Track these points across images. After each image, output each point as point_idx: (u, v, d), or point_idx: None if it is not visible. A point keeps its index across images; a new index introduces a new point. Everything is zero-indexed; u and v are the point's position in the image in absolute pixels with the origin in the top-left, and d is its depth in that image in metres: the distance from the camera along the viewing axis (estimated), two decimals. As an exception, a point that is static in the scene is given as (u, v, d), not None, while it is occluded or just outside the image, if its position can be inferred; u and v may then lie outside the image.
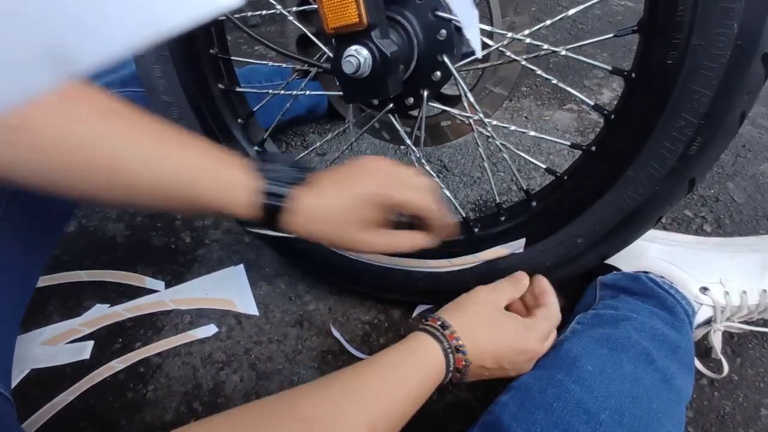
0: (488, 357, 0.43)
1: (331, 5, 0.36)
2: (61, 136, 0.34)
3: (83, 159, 0.35)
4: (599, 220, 0.47)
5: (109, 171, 0.36)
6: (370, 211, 0.42)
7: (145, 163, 0.37)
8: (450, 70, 0.45)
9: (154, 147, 0.37)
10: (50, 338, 0.58)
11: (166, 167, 0.37)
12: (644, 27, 0.40)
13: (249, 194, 0.40)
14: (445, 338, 0.41)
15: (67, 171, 0.35)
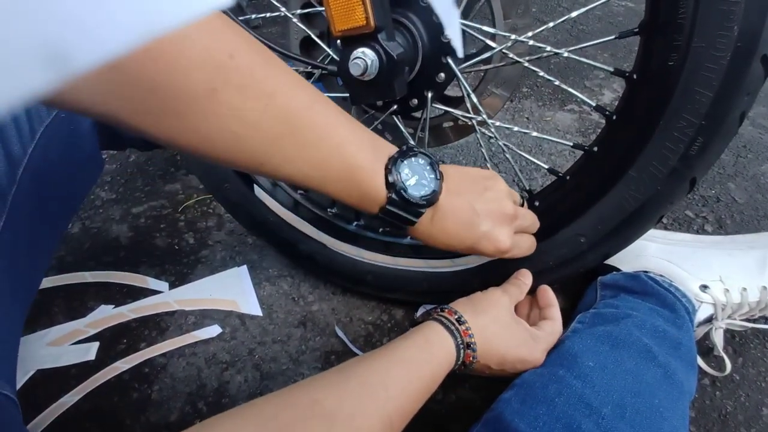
0: (494, 359, 0.43)
1: (338, 8, 0.36)
2: (245, 93, 0.31)
3: (269, 113, 0.32)
4: (601, 219, 0.47)
5: (310, 130, 0.33)
6: (502, 209, 0.43)
7: (331, 124, 0.34)
8: (454, 71, 0.45)
9: (337, 110, 0.35)
10: (55, 339, 0.58)
11: (344, 133, 0.35)
12: (645, 29, 0.41)
13: (380, 202, 0.38)
14: (459, 333, 0.42)
15: (264, 132, 0.32)
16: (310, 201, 0.61)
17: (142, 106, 0.28)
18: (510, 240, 0.43)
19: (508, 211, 0.43)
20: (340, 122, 0.36)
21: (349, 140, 0.36)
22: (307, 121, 0.34)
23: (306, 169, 0.35)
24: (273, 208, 0.59)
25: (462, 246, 0.43)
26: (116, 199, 0.78)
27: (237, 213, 0.63)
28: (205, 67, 0.29)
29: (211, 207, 0.76)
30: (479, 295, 0.47)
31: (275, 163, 0.34)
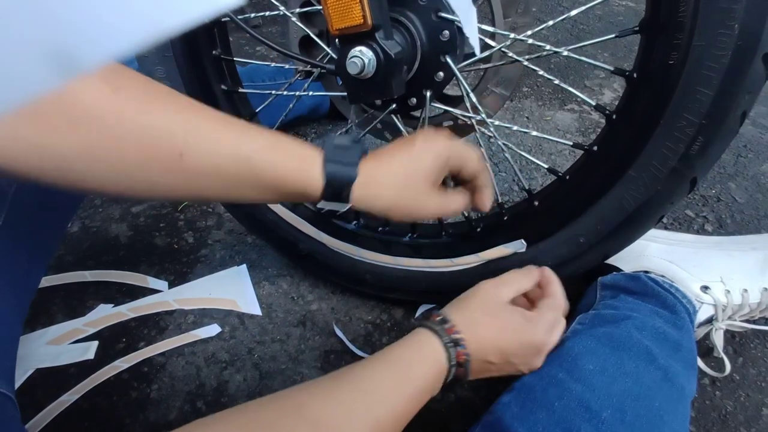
0: (491, 350, 0.42)
1: (335, 7, 0.36)
2: (125, 125, 0.33)
3: (150, 145, 0.34)
4: (601, 219, 0.47)
5: (176, 157, 0.34)
6: (432, 166, 0.42)
7: (211, 147, 0.36)
8: (452, 70, 0.45)
9: (216, 130, 0.36)
10: (54, 338, 0.58)
11: (233, 148, 0.36)
12: (646, 27, 0.41)
13: (318, 167, 0.39)
14: (444, 332, 0.41)
15: (130, 161, 0.34)
16: (310, 200, 0.61)
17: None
18: (438, 200, 0.43)
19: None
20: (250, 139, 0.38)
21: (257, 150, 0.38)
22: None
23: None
24: (272, 207, 0.59)
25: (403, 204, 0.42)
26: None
27: (236, 212, 0.63)
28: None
29: (210, 206, 0.76)
30: (467, 291, 0.46)
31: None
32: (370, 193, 0.41)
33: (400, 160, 0.42)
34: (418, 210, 0.43)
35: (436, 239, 0.58)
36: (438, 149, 0.42)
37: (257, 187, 0.38)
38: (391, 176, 0.41)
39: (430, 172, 0.42)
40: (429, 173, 0.42)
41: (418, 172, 0.41)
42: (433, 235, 0.58)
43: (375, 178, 0.41)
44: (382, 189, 0.41)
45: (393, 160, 0.42)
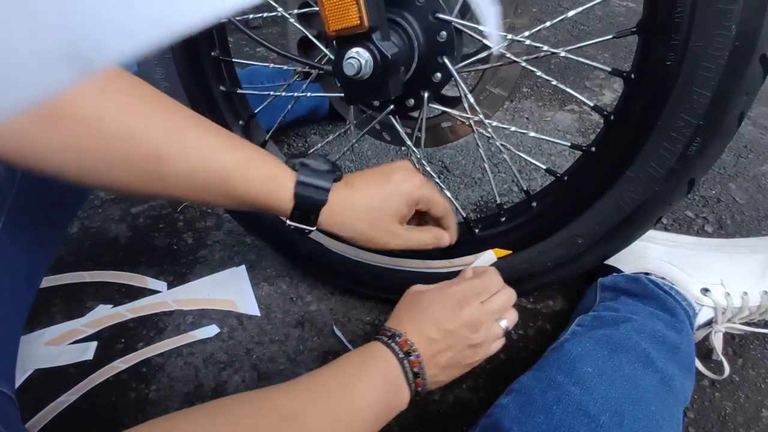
0: (425, 327, 0.40)
1: (332, 8, 0.36)
2: (106, 126, 0.34)
3: (126, 148, 0.35)
4: (599, 220, 0.47)
5: (152, 160, 0.35)
6: (403, 206, 0.44)
7: (187, 154, 0.37)
8: (450, 71, 0.45)
9: (196, 137, 0.37)
10: (54, 338, 0.58)
11: (209, 158, 0.37)
12: (643, 28, 0.41)
13: (289, 190, 0.40)
14: (380, 336, 0.40)
15: (108, 160, 0.35)
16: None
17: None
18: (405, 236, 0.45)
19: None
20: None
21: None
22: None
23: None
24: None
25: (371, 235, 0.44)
26: (115, 199, 0.78)
27: (235, 213, 0.63)
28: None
29: (209, 207, 0.76)
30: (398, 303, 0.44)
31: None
32: (337, 220, 0.42)
33: (373, 194, 0.43)
34: (382, 243, 0.45)
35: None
36: (411, 191, 0.44)
37: (228, 198, 0.40)
38: (360, 208, 0.43)
39: (399, 211, 0.44)
40: (398, 212, 0.44)
41: (389, 210, 0.43)
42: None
43: (345, 206, 0.42)
44: (349, 218, 0.43)
45: (366, 193, 0.43)
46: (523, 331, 0.59)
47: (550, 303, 0.62)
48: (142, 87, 0.37)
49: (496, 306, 0.43)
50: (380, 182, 0.43)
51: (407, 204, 0.44)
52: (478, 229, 0.55)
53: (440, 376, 0.40)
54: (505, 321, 0.43)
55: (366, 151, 0.89)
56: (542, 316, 0.61)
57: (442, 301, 0.42)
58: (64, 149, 0.34)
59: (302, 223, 0.42)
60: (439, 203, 0.46)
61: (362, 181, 0.44)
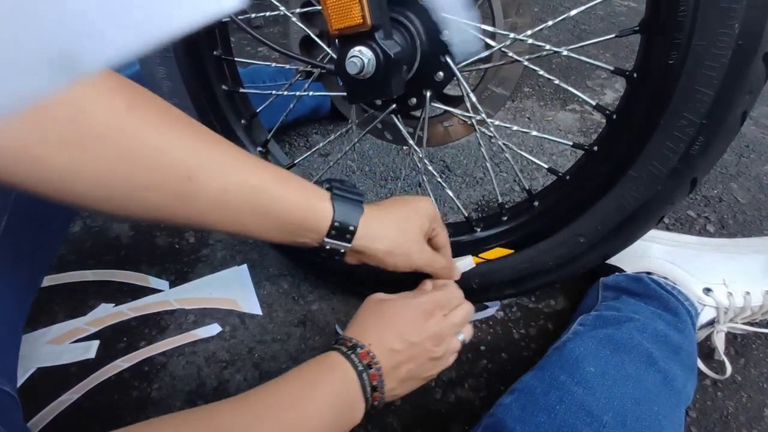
0: (389, 338, 0.39)
1: (335, 6, 0.36)
2: (134, 144, 0.32)
3: (154, 167, 0.32)
4: (601, 219, 0.47)
5: (184, 180, 0.33)
6: (426, 221, 0.45)
7: (221, 172, 0.35)
8: (452, 70, 0.45)
9: (228, 156, 0.36)
10: (56, 337, 0.58)
11: (244, 175, 0.36)
12: (646, 27, 0.41)
13: (327, 203, 0.40)
14: (339, 345, 0.39)
15: (135, 182, 0.32)
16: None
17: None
18: (423, 258, 0.45)
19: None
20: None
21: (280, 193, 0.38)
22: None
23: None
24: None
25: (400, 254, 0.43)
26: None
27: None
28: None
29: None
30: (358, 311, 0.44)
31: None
32: (373, 232, 0.42)
33: (398, 210, 0.44)
34: (413, 258, 0.44)
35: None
36: (429, 208, 0.46)
37: (262, 217, 0.38)
38: (391, 222, 0.43)
39: (423, 226, 0.45)
40: (422, 227, 0.45)
41: (415, 224, 0.44)
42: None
43: (379, 220, 0.43)
44: (382, 232, 0.43)
45: (392, 209, 0.44)
46: (524, 331, 0.59)
47: (552, 302, 0.62)
48: (168, 106, 0.35)
49: (457, 319, 0.43)
50: (402, 201, 0.45)
51: (429, 220, 0.45)
52: (480, 228, 0.55)
53: (398, 389, 0.40)
54: (462, 335, 0.44)
55: (368, 151, 0.89)
56: (544, 316, 0.61)
57: (407, 311, 0.41)
58: (87, 173, 0.31)
59: (339, 240, 0.41)
60: (444, 229, 0.49)
61: (384, 203, 0.45)
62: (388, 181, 0.82)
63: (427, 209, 0.45)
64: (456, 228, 0.58)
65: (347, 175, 0.83)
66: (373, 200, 0.78)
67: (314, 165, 0.86)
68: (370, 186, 0.81)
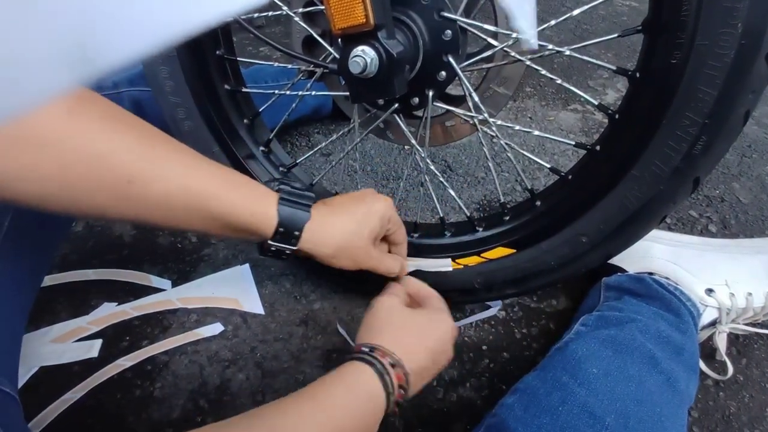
0: (422, 356, 0.40)
1: (338, 6, 0.36)
2: (73, 148, 0.33)
3: (92, 171, 0.33)
4: (603, 219, 0.47)
5: (124, 184, 0.34)
6: (377, 224, 0.46)
7: (162, 176, 0.36)
8: (455, 70, 0.45)
9: (171, 160, 0.37)
10: (58, 336, 0.59)
11: (187, 180, 0.37)
12: (649, 27, 0.41)
13: (273, 207, 0.41)
14: (375, 359, 0.37)
15: (74, 185, 0.33)
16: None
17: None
18: (372, 257, 0.46)
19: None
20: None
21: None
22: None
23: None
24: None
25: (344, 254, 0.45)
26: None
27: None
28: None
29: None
30: (367, 317, 0.43)
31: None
32: (318, 237, 0.43)
33: (349, 213, 0.45)
34: (359, 261, 0.46)
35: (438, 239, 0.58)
36: (384, 210, 0.46)
37: (207, 219, 0.39)
38: (340, 225, 0.44)
39: (374, 229, 0.45)
40: (373, 230, 0.45)
41: (366, 227, 0.45)
42: (435, 234, 0.58)
43: (326, 223, 0.44)
44: (330, 235, 0.44)
45: (342, 212, 0.45)
46: (526, 330, 0.60)
47: (554, 302, 0.62)
48: (113, 110, 0.36)
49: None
50: (356, 202, 0.46)
51: (381, 222, 0.46)
52: (482, 228, 0.55)
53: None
54: None
55: (369, 150, 0.89)
56: (546, 316, 0.61)
57: (436, 332, 0.42)
58: (26, 173, 0.32)
59: (284, 243, 0.42)
60: (402, 228, 0.50)
61: (339, 200, 0.46)
62: (389, 181, 0.82)
63: (380, 212, 0.46)
64: (458, 228, 0.58)
65: (349, 174, 0.83)
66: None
67: (316, 164, 0.86)
68: (372, 185, 0.81)
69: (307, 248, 0.43)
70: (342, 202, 0.46)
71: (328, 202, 0.45)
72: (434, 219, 0.74)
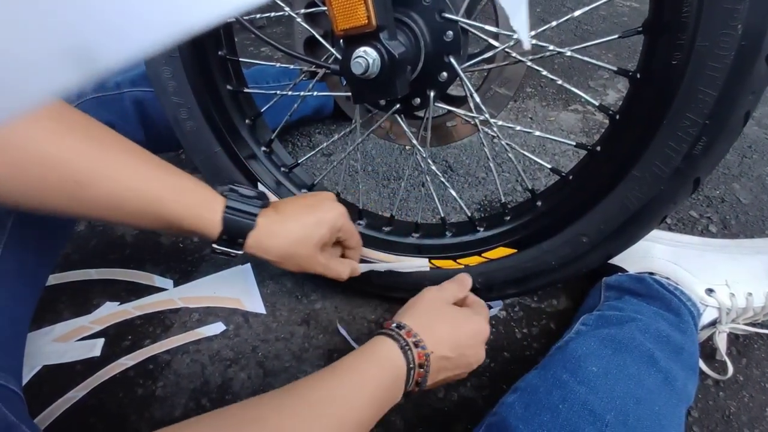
0: (447, 346, 0.43)
1: (340, 7, 0.36)
2: (39, 153, 0.35)
3: (46, 173, 0.36)
4: (604, 219, 0.47)
5: (72, 185, 0.37)
6: (327, 233, 0.47)
7: (110, 178, 0.38)
8: (456, 70, 0.45)
9: (120, 164, 0.39)
10: (61, 335, 0.59)
11: (134, 184, 0.39)
12: (649, 28, 0.41)
13: (218, 215, 0.42)
14: (401, 337, 0.41)
15: (38, 186, 0.36)
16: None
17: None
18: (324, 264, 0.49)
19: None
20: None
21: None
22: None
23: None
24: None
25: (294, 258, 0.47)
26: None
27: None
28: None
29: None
30: (412, 299, 0.47)
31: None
32: (264, 244, 0.45)
33: (302, 220, 0.46)
34: (306, 267, 0.48)
35: (439, 239, 0.58)
36: (336, 219, 0.48)
37: (155, 221, 0.41)
38: (286, 233, 0.46)
39: (323, 237, 0.47)
40: (322, 239, 0.47)
41: (314, 237, 0.47)
42: (436, 235, 0.58)
43: (273, 231, 0.45)
44: (276, 242, 0.45)
45: (295, 219, 0.46)
46: (527, 330, 0.60)
47: (554, 302, 0.63)
48: (63, 112, 0.38)
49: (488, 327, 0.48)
50: (309, 210, 0.47)
51: (331, 232, 0.48)
52: (483, 228, 0.56)
53: (429, 386, 0.43)
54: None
55: (370, 151, 0.89)
56: (546, 315, 0.61)
57: (469, 329, 0.45)
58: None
59: (229, 247, 0.44)
60: (355, 234, 0.52)
61: (291, 207, 0.47)
62: (390, 181, 0.82)
63: (329, 222, 0.47)
64: (459, 228, 0.58)
65: (350, 174, 0.84)
66: (375, 199, 0.79)
67: (317, 164, 0.86)
68: (373, 186, 0.82)
69: (252, 252, 0.45)
70: (293, 210, 0.47)
71: (280, 208, 0.47)
72: (435, 219, 0.74)
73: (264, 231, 0.44)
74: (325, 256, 0.49)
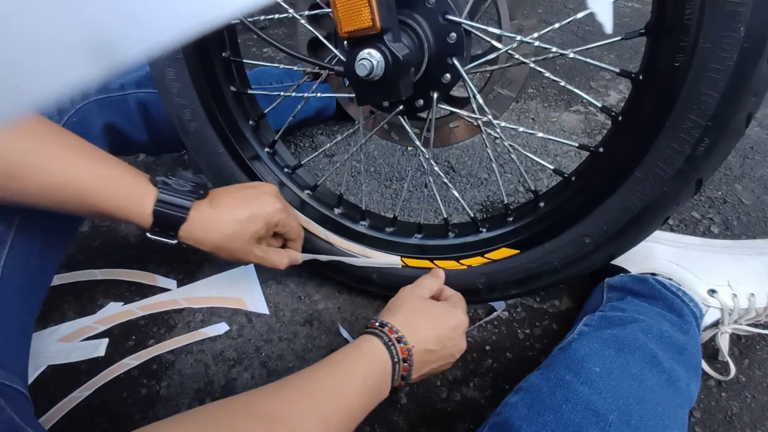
0: (430, 340, 0.45)
1: (345, 9, 0.36)
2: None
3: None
4: (607, 220, 0.47)
5: (4, 178, 0.38)
6: (261, 227, 0.48)
7: (43, 171, 0.39)
8: (459, 72, 0.45)
9: (53, 156, 0.40)
10: (65, 335, 0.59)
11: (66, 176, 0.40)
12: (652, 29, 0.41)
13: (148, 207, 0.43)
14: (384, 333, 0.43)
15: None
16: (317, 200, 0.62)
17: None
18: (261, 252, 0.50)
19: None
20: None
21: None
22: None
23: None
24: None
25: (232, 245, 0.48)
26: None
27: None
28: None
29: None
30: (392, 300, 0.50)
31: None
32: (196, 236, 0.46)
33: (236, 214, 0.47)
34: (241, 258, 0.50)
35: (442, 240, 0.58)
36: (271, 215, 0.49)
37: (89, 212, 0.43)
38: (219, 226, 0.47)
39: (257, 232, 0.48)
40: (256, 232, 0.48)
41: (249, 230, 0.48)
42: (439, 235, 0.58)
43: (207, 223, 0.46)
44: (209, 236, 0.47)
45: (230, 212, 0.47)
46: (529, 331, 0.60)
47: (557, 303, 0.63)
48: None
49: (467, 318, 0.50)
50: (245, 203, 0.48)
51: (266, 226, 0.49)
52: (486, 228, 0.56)
53: (415, 380, 0.45)
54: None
55: (373, 152, 0.90)
56: (549, 316, 0.61)
57: (448, 323, 0.47)
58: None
59: (162, 237, 0.45)
60: (293, 228, 0.54)
61: (227, 199, 0.48)
62: (393, 182, 0.83)
63: (265, 217, 0.48)
64: (461, 228, 0.58)
65: (353, 175, 0.84)
66: (378, 200, 0.79)
67: (320, 165, 0.86)
68: (376, 186, 0.82)
69: (186, 242, 0.46)
70: (228, 204, 0.48)
71: (215, 201, 0.47)
72: (438, 220, 0.74)
73: (196, 224, 0.46)
74: (261, 248, 0.51)
